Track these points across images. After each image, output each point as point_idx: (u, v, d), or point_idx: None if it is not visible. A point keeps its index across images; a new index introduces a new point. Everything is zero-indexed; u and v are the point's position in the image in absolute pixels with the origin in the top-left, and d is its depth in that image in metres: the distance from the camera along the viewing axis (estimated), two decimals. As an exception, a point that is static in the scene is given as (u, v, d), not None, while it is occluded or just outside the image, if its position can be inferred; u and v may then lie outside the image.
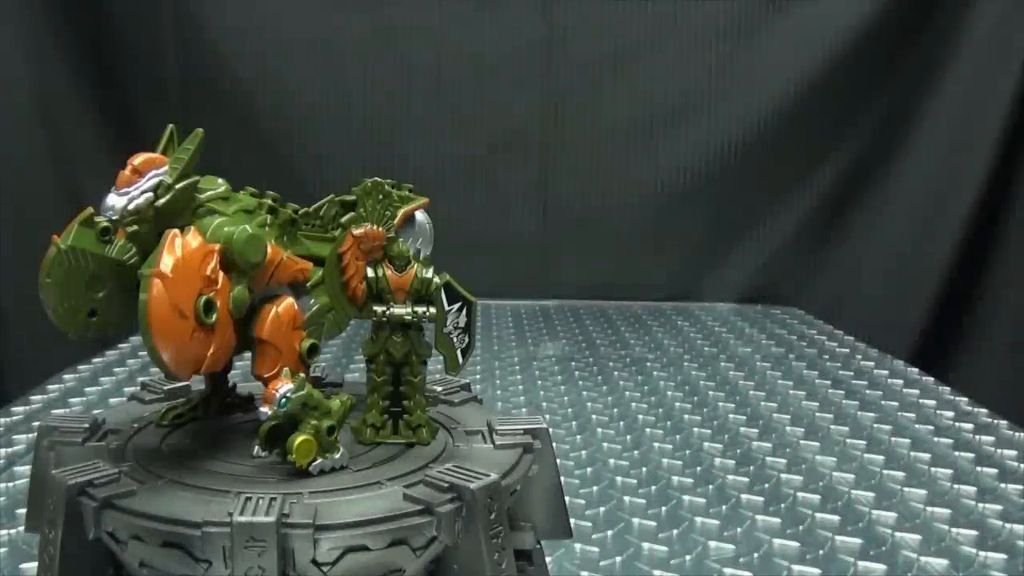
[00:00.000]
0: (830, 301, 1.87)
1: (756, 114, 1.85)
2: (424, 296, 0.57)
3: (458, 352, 0.57)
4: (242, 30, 1.82)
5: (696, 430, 1.07)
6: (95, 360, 1.36)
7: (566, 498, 0.61)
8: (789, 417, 1.13)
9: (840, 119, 1.85)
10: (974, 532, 0.80)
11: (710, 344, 1.54)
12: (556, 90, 1.88)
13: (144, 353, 0.77)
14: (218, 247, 0.49)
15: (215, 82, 1.82)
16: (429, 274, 0.57)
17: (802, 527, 0.82)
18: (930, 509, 0.85)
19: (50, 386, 1.22)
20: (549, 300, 1.90)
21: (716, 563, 0.74)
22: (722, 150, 1.86)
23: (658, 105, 1.88)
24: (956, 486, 0.91)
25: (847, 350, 1.50)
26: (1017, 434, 1.07)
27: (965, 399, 1.22)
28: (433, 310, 0.56)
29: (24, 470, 0.87)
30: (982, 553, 0.77)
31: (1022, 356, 1.71)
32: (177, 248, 0.47)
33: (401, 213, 0.62)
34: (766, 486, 0.91)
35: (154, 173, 0.48)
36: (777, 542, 0.78)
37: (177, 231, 0.48)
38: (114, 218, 0.48)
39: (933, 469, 0.96)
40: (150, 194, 0.48)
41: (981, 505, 0.87)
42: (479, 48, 1.86)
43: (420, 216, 0.64)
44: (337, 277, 0.58)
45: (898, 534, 0.80)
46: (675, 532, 0.80)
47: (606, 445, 1.02)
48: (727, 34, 1.84)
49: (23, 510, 0.66)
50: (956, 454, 1.01)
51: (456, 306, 0.57)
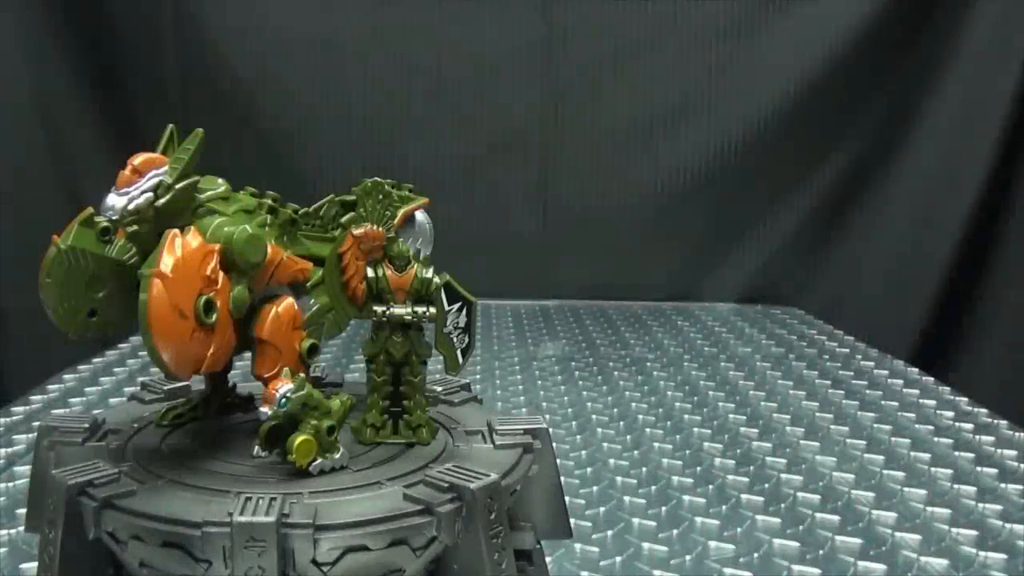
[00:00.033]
0: (830, 301, 1.87)
1: (756, 114, 1.84)
2: (424, 296, 0.57)
3: (458, 352, 0.57)
4: (242, 30, 1.82)
5: (696, 430, 1.07)
6: (95, 360, 1.36)
7: (566, 498, 0.61)
8: (789, 417, 1.12)
9: (840, 119, 1.85)
10: (974, 532, 0.80)
11: (710, 344, 1.54)
12: (556, 90, 1.88)
13: (144, 353, 0.77)
14: (218, 247, 0.49)
15: (215, 82, 1.82)
16: (429, 274, 0.57)
17: (802, 527, 0.81)
18: (930, 509, 0.85)
19: (50, 386, 1.22)
20: (549, 300, 1.90)
21: (716, 563, 0.74)
22: (722, 150, 1.86)
23: (658, 105, 1.87)
24: (956, 486, 0.91)
25: (847, 350, 1.50)
26: (1017, 434, 1.07)
27: (965, 399, 1.21)
28: (433, 310, 0.56)
29: (24, 470, 0.87)
30: (982, 553, 0.77)
31: (1022, 356, 1.71)
32: (177, 248, 0.47)
33: (401, 213, 0.62)
34: (766, 486, 0.91)
35: (154, 173, 0.48)
36: (777, 542, 0.78)
37: (177, 231, 0.48)
38: (114, 218, 0.48)
39: (933, 469, 0.96)
40: (150, 194, 0.48)
41: (981, 505, 0.87)
42: (479, 48, 1.86)
43: (420, 216, 0.64)
44: (337, 277, 0.58)
45: (898, 534, 0.80)
46: (675, 532, 0.80)
47: (606, 445, 1.02)
48: (727, 34, 1.84)
49: (23, 510, 0.66)
50: (956, 454, 1.01)
51: (456, 306, 0.57)
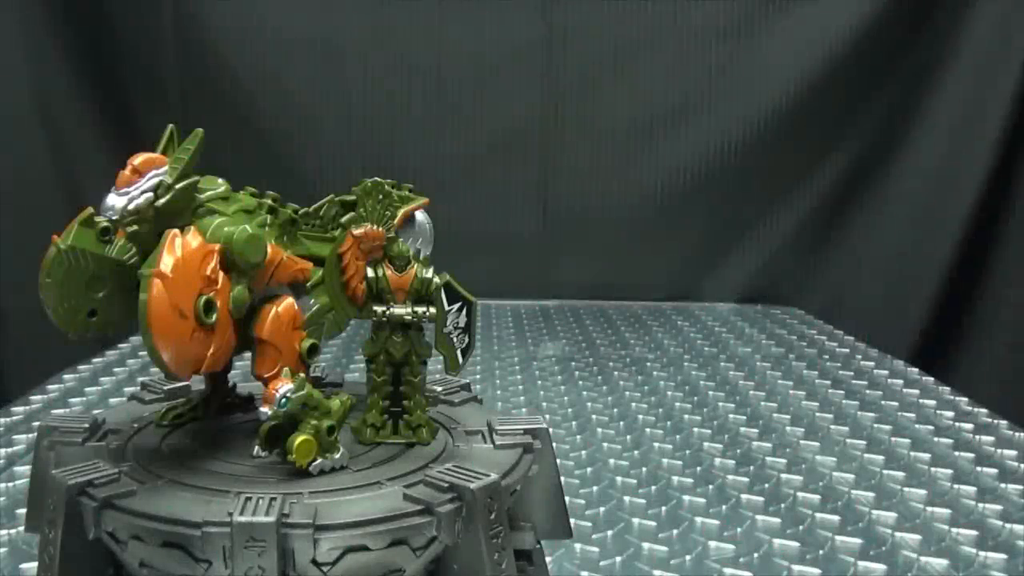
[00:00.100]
0: (830, 301, 1.87)
1: (756, 114, 1.84)
2: (424, 296, 0.56)
3: (458, 352, 0.57)
4: (242, 30, 1.82)
5: (696, 430, 1.07)
6: (95, 360, 1.36)
7: (566, 498, 0.60)
8: (789, 417, 1.12)
9: (840, 119, 1.85)
10: (974, 532, 0.80)
11: (710, 344, 1.54)
12: (556, 90, 1.88)
13: (144, 353, 0.77)
14: (218, 247, 0.49)
15: (215, 82, 1.82)
16: (429, 274, 0.57)
17: (802, 527, 0.82)
18: (930, 509, 0.85)
19: (50, 386, 1.22)
20: (549, 300, 1.90)
21: (716, 563, 0.74)
22: (722, 150, 1.86)
23: (658, 105, 1.87)
24: (956, 486, 0.91)
25: (847, 350, 1.50)
26: (1017, 434, 1.07)
27: (965, 399, 1.21)
28: (433, 310, 0.56)
29: (24, 470, 0.87)
30: (982, 553, 0.77)
31: (1022, 356, 1.71)
32: (177, 248, 0.47)
33: (401, 213, 0.62)
34: (766, 486, 0.91)
35: (154, 173, 0.48)
36: (777, 542, 0.78)
37: (177, 231, 0.48)
38: (114, 218, 0.48)
39: (933, 469, 0.96)
40: (150, 194, 0.48)
41: (981, 505, 0.87)
42: (479, 48, 1.86)
43: (420, 216, 0.64)
44: (337, 277, 0.58)
45: (898, 534, 0.80)
46: (675, 532, 0.80)
47: (606, 445, 1.02)
48: (727, 34, 1.84)
49: (23, 510, 0.66)
50: (956, 454, 1.01)
51: (456, 306, 0.57)
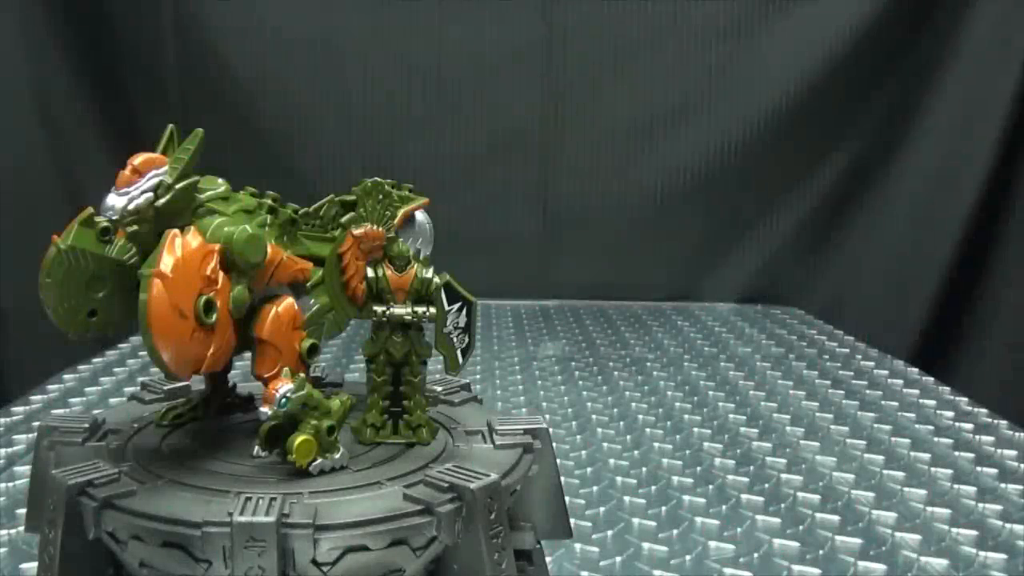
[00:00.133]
0: (830, 301, 1.87)
1: (756, 114, 1.84)
2: (424, 296, 0.56)
3: (458, 352, 0.57)
4: (242, 30, 1.82)
5: (696, 430, 1.07)
6: (95, 360, 1.36)
7: (566, 498, 0.60)
8: (789, 417, 1.12)
9: (840, 119, 1.85)
10: (974, 532, 0.80)
11: (710, 344, 1.54)
12: (556, 90, 1.88)
13: (144, 353, 0.77)
14: (218, 247, 0.49)
15: (215, 82, 1.82)
16: (429, 274, 0.57)
17: (802, 527, 0.82)
18: (930, 509, 0.86)
19: (50, 386, 1.22)
20: (549, 300, 1.90)
21: (716, 563, 0.74)
22: (722, 150, 1.86)
23: (658, 105, 1.88)
24: (956, 486, 0.91)
25: (847, 350, 1.50)
26: (1017, 434, 1.07)
27: (965, 399, 1.21)
28: (433, 310, 0.56)
29: (24, 470, 0.87)
30: (982, 553, 0.77)
31: (1022, 356, 1.71)
32: (177, 248, 0.47)
33: (401, 213, 0.62)
34: (766, 486, 0.91)
35: (154, 173, 0.48)
36: (777, 542, 0.78)
37: (177, 231, 0.47)
38: (114, 218, 0.48)
39: (933, 469, 0.96)
40: (150, 194, 0.48)
41: (981, 505, 0.87)
42: (479, 48, 1.86)
43: (420, 216, 0.64)
44: (337, 277, 0.58)
45: (898, 534, 0.80)
46: (675, 532, 0.80)
47: (606, 445, 1.02)
48: (727, 34, 1.84)
49: (23, 510, 0.66)
50: (956, 454, 1.01)
51: (456, 306, 0.57)
